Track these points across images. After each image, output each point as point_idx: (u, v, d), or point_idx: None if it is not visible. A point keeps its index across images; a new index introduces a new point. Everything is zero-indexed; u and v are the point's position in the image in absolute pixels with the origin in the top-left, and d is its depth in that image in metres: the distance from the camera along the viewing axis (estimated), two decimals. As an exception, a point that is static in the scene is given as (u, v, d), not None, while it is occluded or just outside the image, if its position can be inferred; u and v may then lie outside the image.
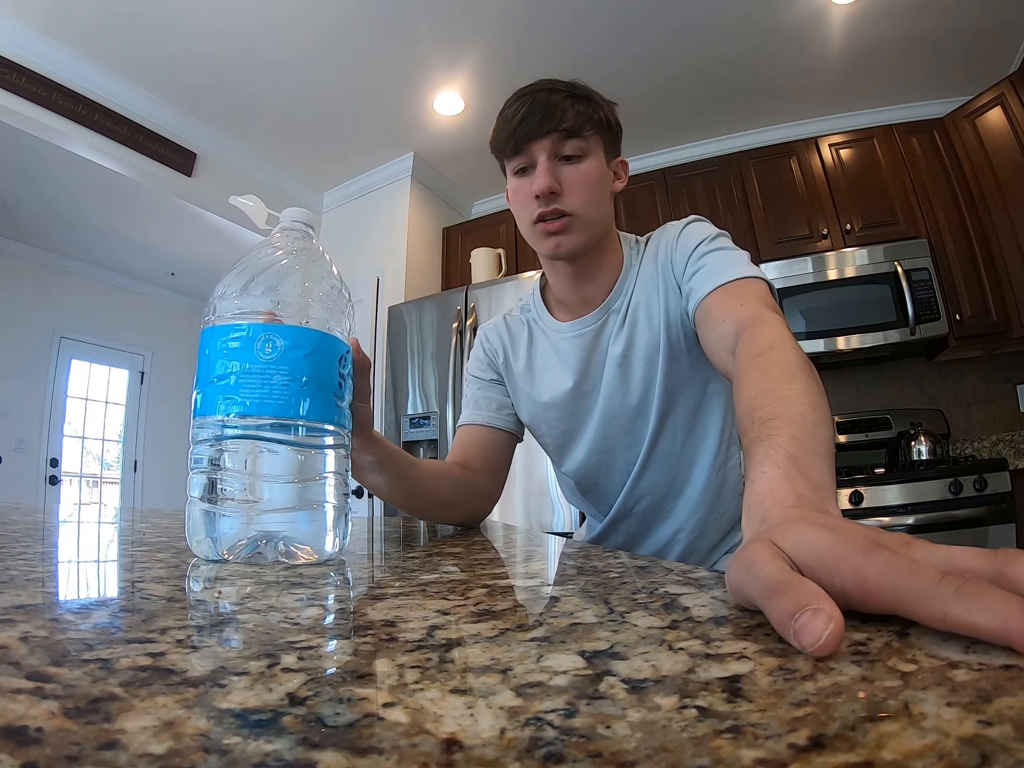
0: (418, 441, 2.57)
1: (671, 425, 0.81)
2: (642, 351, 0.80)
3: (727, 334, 0.62)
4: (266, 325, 0.43)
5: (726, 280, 0.68)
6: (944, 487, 1.90)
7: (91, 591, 0.34)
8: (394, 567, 0.42)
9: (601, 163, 0.77)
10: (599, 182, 0.77)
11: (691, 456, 0.83)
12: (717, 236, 0.76)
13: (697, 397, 0.81)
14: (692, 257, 0.75)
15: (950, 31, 2.32)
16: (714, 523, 0.84)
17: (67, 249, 4.18)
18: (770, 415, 0.40)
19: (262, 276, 0.45)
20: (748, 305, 0.63)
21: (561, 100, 0.74)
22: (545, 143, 0.74)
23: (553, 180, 0.73)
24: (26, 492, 3.88)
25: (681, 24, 2.28)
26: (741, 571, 0.24)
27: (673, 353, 0.78)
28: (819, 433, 0.38)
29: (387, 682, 0.17)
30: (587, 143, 0.75)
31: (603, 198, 0.78)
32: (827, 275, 2.40)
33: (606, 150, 0.78)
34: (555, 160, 0.75)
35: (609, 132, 0.79)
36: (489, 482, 0.84)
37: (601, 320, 0.82)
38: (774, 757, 0.12)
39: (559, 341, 0.85)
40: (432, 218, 3.26)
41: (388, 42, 2.34)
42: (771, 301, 0.65)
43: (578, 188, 0.75)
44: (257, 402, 0.42)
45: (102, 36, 2.27)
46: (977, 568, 0.21)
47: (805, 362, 0.48)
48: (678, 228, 0.80)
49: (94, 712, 0.14)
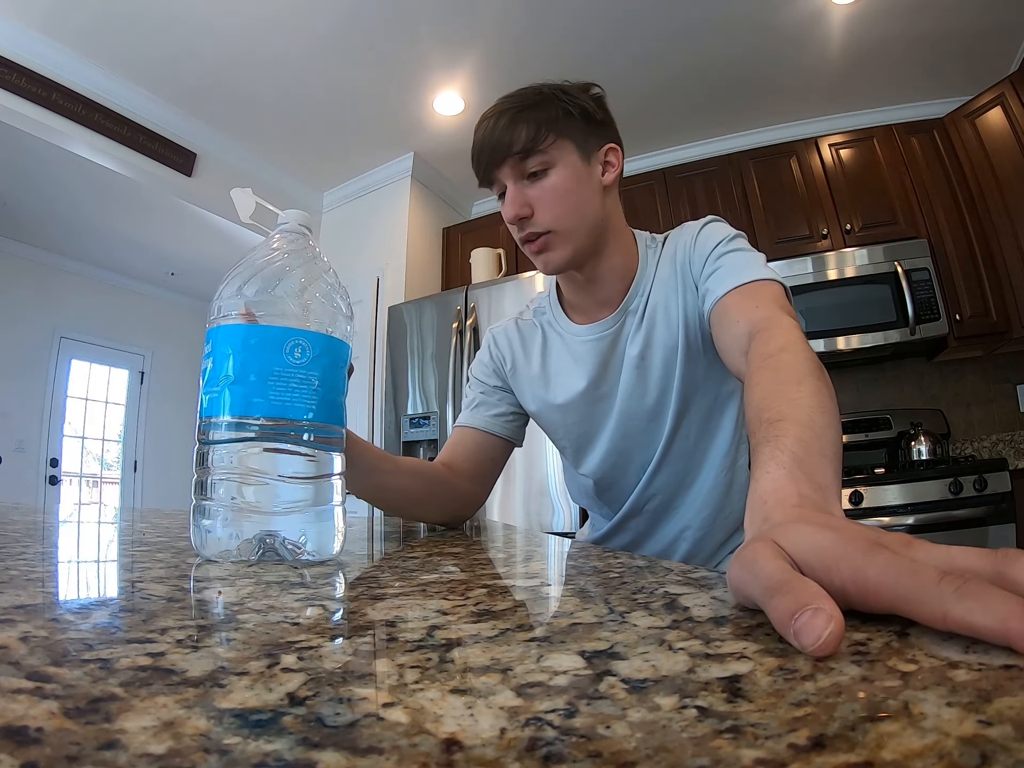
0: (418, 441, 2.57)
1: (686, 425, 0.81)
2: (660, 352, 0.79)
3: (740, 335, 0.62)
4: (286, 329, 0.43)
5: (742, 282, 0.68)
6: (944, 487, 1.90)
7: (91, 591, 0.34)
8: (394, 567, 0.42)
9: (572, 166, 0.74)
10: (573, 190, 0.74)
11: (702, 455, 0.83)
12: (735, 237, 0.75)
13: (712, 398, 0.81)
14: (710, 258, 0.74)
15: (950, 31, 2.32)
16: (721, 522, 0.84)
17: (67, 249, 4.18)
18: (778, 416, 0.40)
19: (271, 278, 0.45)
20: (763, 307, 0.63)
21: (509, 121, 0.72)
22: (506, 169, 0.73)
23: (519, 206, 0.73)
24: (26, 492, 3.88)
25: (681, 24, 2.28)
26: (742, 570, 0.24)
27: (691, 354, 0.78)
28: (826, 436, 0.38)
29: (387, 682, 0.17)
30: (548, 155, 0.73)
31: (581, 202, 0.75)
32: (827, 275, 2.40)
33: (579, 147, 0.75)
34: (523, 181, 0.74)
35: (580, 125, 0.75)
36: (472, 485, 0.83)
37: (619, 323, 0.81)
38: (774, 757, 0.12)
39: (576, 344, 0.84)
40: (432, 218, 3.26)
41: (388, 42, 2.34)
42: (786, 304, 0.65)
43: (547, 204, 0.73)
44: (270, 404, 0.42)
45: (102, 36, 2.27)
46: (977, 568, 0.21)
47: (816, 365, 0.48)
48: (696, 228, 0.79)
49: (94, 712, 0.14)
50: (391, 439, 2.66)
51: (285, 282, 0.45)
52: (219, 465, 0.42)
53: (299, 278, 0.47)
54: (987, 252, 2.30)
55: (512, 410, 0.90)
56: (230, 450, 0.42)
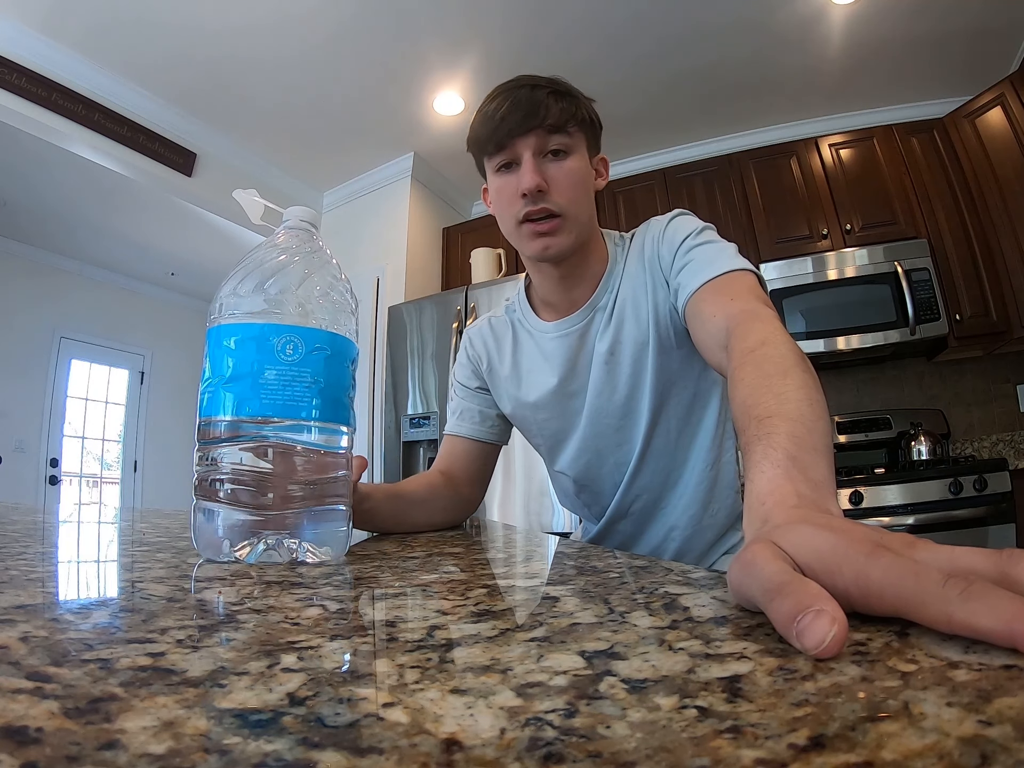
0: (418, 441, 2.57)
1: (664, 422, 0.81)
2: (629, 348, 0.79)
3: (718, 330, 0.61)
4: (287, 326, 0.43)
5: (715, 274, 0.67)
6: (944, 487, 1.90)
7: (91, 591, 0.34)
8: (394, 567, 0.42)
9: (585, 160, 0.76)
10: (585, 179, 0.76)
11: (685, 452, 0.82)
12: (703, 229, 0.75)
13: (691, 393, 0.81)
14: (679, 251, 0.74)
15: (950, 31, 2.32)
16: (709, 520, 0.84)
17: (67, 249, 4.18)
18: (767, 413, 0.40)
19: (274, 276, 0.45)
20: (739, 299, 0.62)
21: (544, 96, 0.72)
22: (530, 139, 0.72)
23: (540, 178, 0.72)
24: (26, 492, 3.88)
25: (681, 26, 2.28)
26: (742, 572, 0.24)
27: (663, 349, 0.78)
28: (817, 429, 0.38)
29: (387, 682, 0.17)
30: (571, 139, 0.74)
31: (589, 196, 0.77)
32: (827, 275, 2.40)
33: (588, 147, 0.77)
34: (540, 157, 0.73)
35: (591, 129, 0.77)
36: (471, 489, 0.88)
37: (587, 319, 0.81)
38: (774, 757, 0.12)
39: (545, 341, 0.84)
40: (432, 218, 3.26)
41: (388, 42, 2.34)
42: (761, 294, 0.65)
43: (566, 185, 0.73)
44: (276, 403, 0.41)
45: (102, 36, 2.27)
46: (981, 569, 0.21)
47: (799, 356, 0.48)
48: (663, 222, 0.79)
49: (94, 712, 0.14)
50: (391, 439, 2.66)
51: (290, 280, 0.45)
52: (219, 465, 0.41)
53: (304, 275, 0.46)
54: (987, 252, 2.30)
55: (496, 411, 0.91)
56: (230, 449, 0.41)
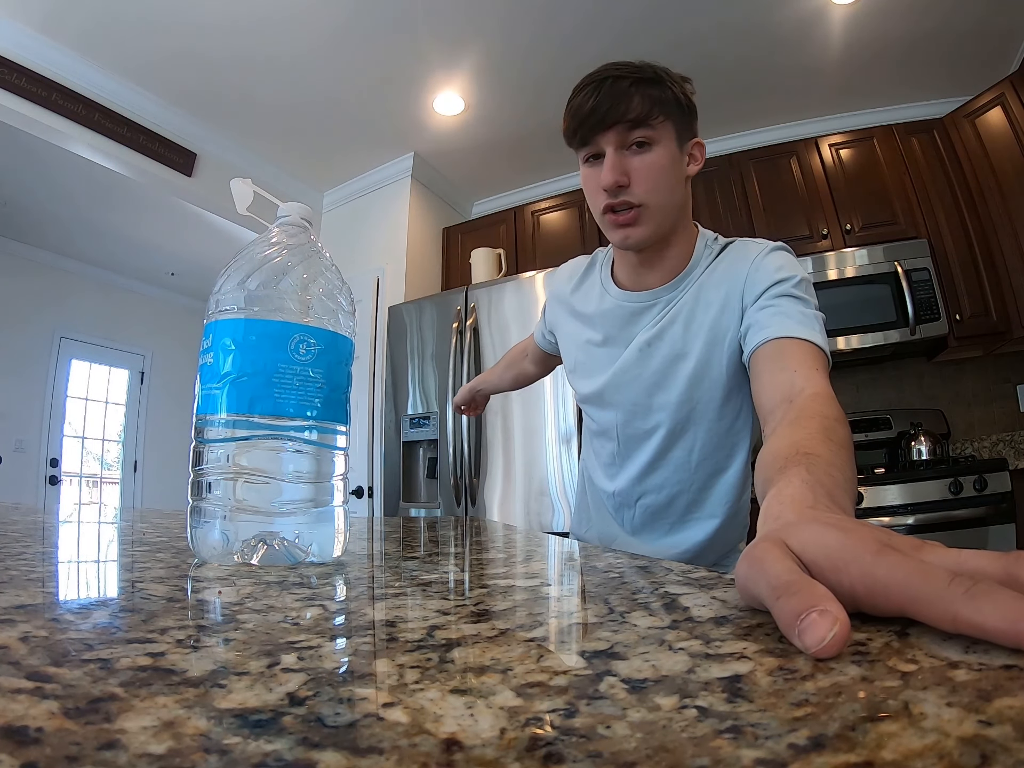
0: (418, 441, 2.57)
1: (688, 440, 0.82)
2: (665, 349, 0.80)
3: (789, 383, 0.63)
4: (290, 324, 0.42)
5: (803, 337, 0.68)
6: (944, 487, 1.90)
7: (91, 591, 0.34)
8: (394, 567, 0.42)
9: (671, 149, 0.75)
10: (668, 169, 0.75)
11: (704, 480, 0.84)
12: (801, 280, 0.74)
13: (724, 427, 0.81)
14: (770, 290, 0.73)
15: (950, 31, 2.32)
16: (710, 546, 0.86)
17: (67, 249, 4.18)
18: (815, 452, 0.43)
19: (271, 273, 0.44)
20: (820, 373, 0.64)
21: (627, 88, 0.72)
22: (611, 135, 0.73)
23: (619, 173, 0.73)
24: (26, 492, 3.88)
25: (682, 27, 2.28)
26: (750, 569, 0.24)
27: (705, 369, 0.78)
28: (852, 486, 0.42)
29: (387, 682, 0.17)
30: (655, 131, 0.74)
31: (674, 185, 0.77)
32: (827, 275, 2.40)
33: (678, 133, 0.76)
34: (623, 150, 0.74)
35: (681, 113, 0.76)
36: (537, 370, 1.15)
37: (646, 304, 0.83)
38: (774, 757, 0.12)
39: (606, 299, 0.87)
40: (432, 218, 3.26)
41: (388, 42, 2.33)
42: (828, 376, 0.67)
43: (646, 178, 0.74)
44: (273, 401, 0.41)
45: (102, 36, 2.27)
46: (988, 571, 0.21)
47: (852, 442, 0.51)
48: (761, 251, 0.78)
49: (94, 712, 0.14)
50: (391, 439, 2.66)
51: (286, 277, 0.45)
52: (218, 464, 0.41)
53: (300, 273, 0.46)
54: (987, 252, 2.30)
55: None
56: (228, 449, 0.41)
